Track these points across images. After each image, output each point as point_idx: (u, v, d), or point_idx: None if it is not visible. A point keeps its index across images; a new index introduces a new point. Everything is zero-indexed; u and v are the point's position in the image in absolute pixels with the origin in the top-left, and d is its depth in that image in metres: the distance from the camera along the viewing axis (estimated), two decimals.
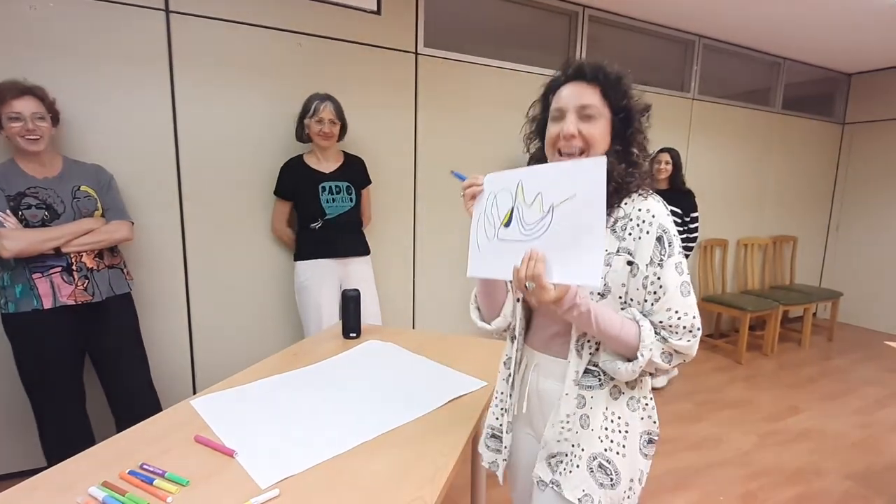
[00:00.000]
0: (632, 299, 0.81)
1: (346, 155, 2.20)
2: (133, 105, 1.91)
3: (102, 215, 1.71)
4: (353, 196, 2.14)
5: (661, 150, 2.95)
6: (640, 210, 0.80)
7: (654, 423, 0.91)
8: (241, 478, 0.86)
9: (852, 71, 4.33)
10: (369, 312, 2.11)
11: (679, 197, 2.92)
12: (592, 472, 0.84)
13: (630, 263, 0.80)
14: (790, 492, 2.03)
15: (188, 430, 1.02)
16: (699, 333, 0.80)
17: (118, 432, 1.02)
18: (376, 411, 1.14)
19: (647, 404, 0.90)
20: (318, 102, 2.02)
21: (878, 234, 4.33)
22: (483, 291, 0.98)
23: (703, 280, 3.73)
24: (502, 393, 0.99)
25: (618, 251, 0.81)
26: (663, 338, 0.79)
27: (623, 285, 0.81)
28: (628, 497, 0.86)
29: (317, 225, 2.09)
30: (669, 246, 0.78)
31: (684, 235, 2.93)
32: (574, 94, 0.82)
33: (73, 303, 1.61)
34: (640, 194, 0.83)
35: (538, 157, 0.93)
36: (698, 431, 2.52)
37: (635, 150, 0.84)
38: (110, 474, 0.86)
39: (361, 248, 2.23)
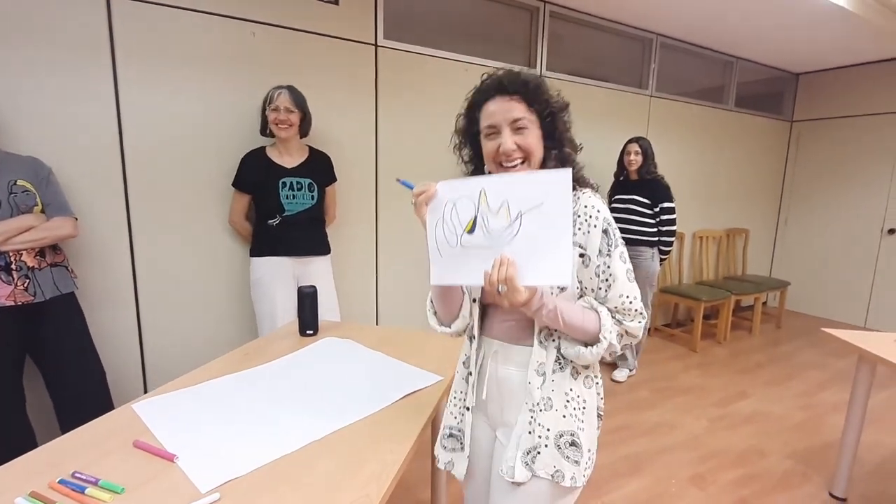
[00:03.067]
0: (586, 288, 0.88)
1: (311, 150, 2.15)
2: (71, 94, 1.81)
3: (42, 211, 1.62)
4: (315, 194, 2.10)
5: (630, 141, 2.97)
6: (585, 207, 0.87)
7: (601, 399, 0.99)
8: (180, 483, 0.84)
9: (799, 71, 4.54)
10: (326, 310, 2.08)
11: (649, 186, 2.93)
12: (561, 448, 0.89)
13: (582, 256, 0.87)
14: (736, 472, 2.14)
15: (127, 435, 0.99)
16: (646, 314, 0.89)
17: None
18: (327, 409, 1.13)
19: (597, 382, 0.98)
20: (275, 91, 1.97)
21: (824, 226, 4.57)
22: (440, 296, 0.99)
23: (662, 272, 3.86)
24: (461, 392, 1.01)
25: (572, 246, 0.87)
26: (619, 321, 0.87)
27: (576, 276, 0.88)
28: (589, 468, 0.93)
29: (274, 221, 2.04)
30: (614, 237, 0.87)
31: (655, 229, 2.94)
32: (502, 110, 0.87)
33: (13, 304, 1.53)
34: (583, 192, 0.89)
35: (476, 167, 0.99)
36: (652, 418, 2.62)
37: (567, 150, 0.91)
38: (40, 483, 0.82)
39: (321, 248, 2.19)
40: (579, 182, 0.89)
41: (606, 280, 0.86)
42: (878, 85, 4.11)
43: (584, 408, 0.93)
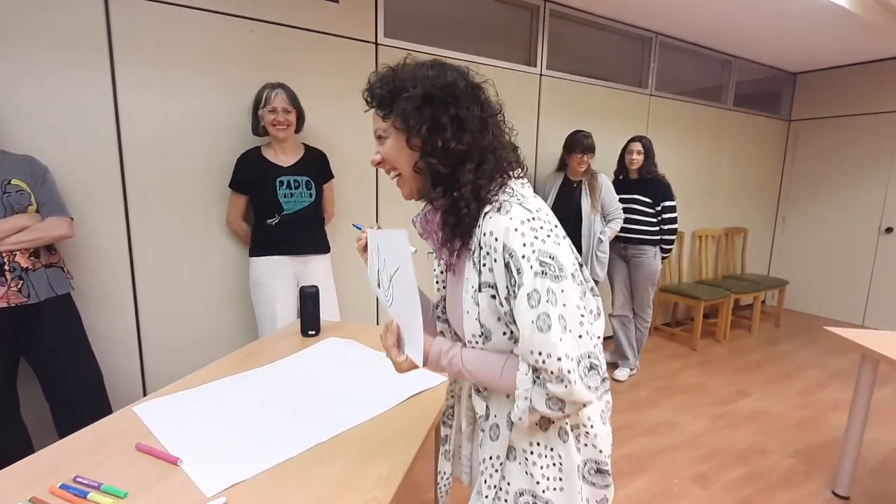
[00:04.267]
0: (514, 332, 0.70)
1: (306, 148, 2.13)
2: (68, 92, 1.79)
3: (37, 211, 1.60)
4: (313, 191, 2.08)
5: (632, 140, 2.96)
6: (485, 234, 0.68)
7: (600, 451, 0.79)
8: (184, 487, 0.83)
9: (797, 70, 4.55)
10: (327, 310, 2.06)
11: (649, 185, 2.92)
12: None
13: (494, 297, 0.69)
14: (738, 471, 2.14)
15: (129, 438, 0.97)
16: (572, 376, 0.62)
17: None
18: (333, 411, 1.11)
19: (586, 433, 0.78)
20: (270, 91, 1.94)
21: (822, 225, 4.59)
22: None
23: (662, 271, 3.85)
24: (451, 408, 0.98)
25: (480, 287, 0.70)
26: (543, 382, 0.64)
27: (499, 320, 0.70)
28: None
29: (273, 221, 2.02)
30: (518, 273, 0.64)
31: (657, 228, 2.94)
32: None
33: (6, 305, 1.50)
34: (493, 207, 0.69)
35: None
36: (654, 417, 2.62)
37: (434, 160, 0.70)
38: (40, 488, 0.80)
39: (320, 246, 2.17)
40: (483, 198, 0.70)
41: (517, 330, 0.66)
42: (875, 84, 4.13)
43: (557, 464, 0.75)
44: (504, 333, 0.71)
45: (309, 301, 1.63)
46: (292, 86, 2.03)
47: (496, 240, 0.66)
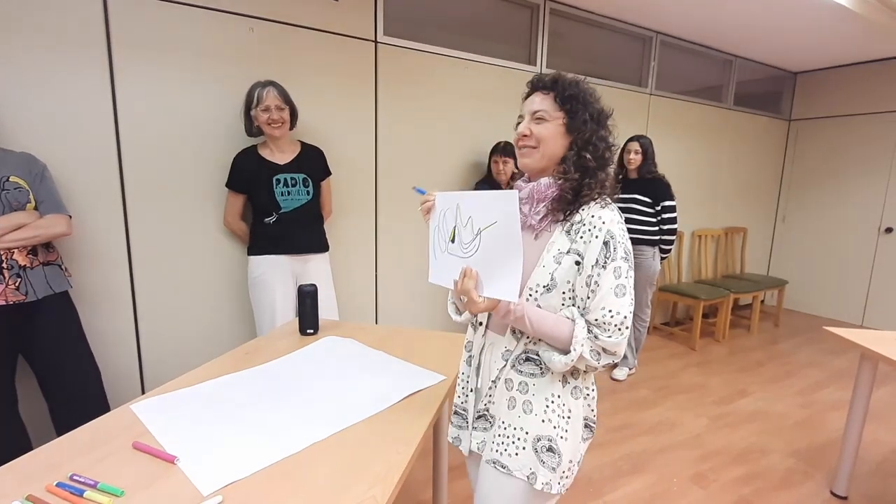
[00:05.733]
0: (575, 295, 0.90)
1: (303, 145, 2.13)
2: (68, 90, 1.78)
3: (36, 208, 1.59)
4: (311, 189, 2.08)
5: (631, 140, 2.94)
6: (593, 216, 0.89)
7: (592, 410, 1.02)
8: (181, 485, 0.82)
9: (798, 70, 4.55)
10: (325, 308, 2.06)
11: (649, 185, 2.90)
12: (538, 452, 0.93)
13: (578, 263, 0.88)
14: (737, 471, 2.14)
15: (126, 436, 0.96)
16: (627, 332, 0.88)
17: None
18: (331, 409, 1.11)
19: (588, 394, 0.99)
20: (261, 90, 1.93)
21: (821, 225, 4.59)
22: None
23: (661, 270, 3.85)
24: (464, 374, 1.10)
25: (568, 251, 0.89)
26: (595, 335, 0.87)
27: (569, 282, 0.90)
28: (567, 477, 0.95)
29: (271, 219, 2.02)
30: (613, 251, 0.87)
31: (656, 228, 2.92)
32: (531, 102, 0.96)
33: (4, 303, 1.49)
34: (599, 203, 0.91)
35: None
36: (654, 416, 2.61)
37: (588, 156, 0.92)
38: (36, 487, 0.80)
39: (319, 245, 2.17)
40: (594, 193, 0.92)
41: (594, 291, 0.87)
42: (875, 84, 4.12)
43: (567, 416, 0.94)
44: (563, 293, 0.90)
45: (307, 300, 1.63)
46: (290, 84, 2.02)
47: (603, 223, 0.88)
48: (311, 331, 1.64)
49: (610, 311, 0.85)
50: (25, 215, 1.54)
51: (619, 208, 3.05)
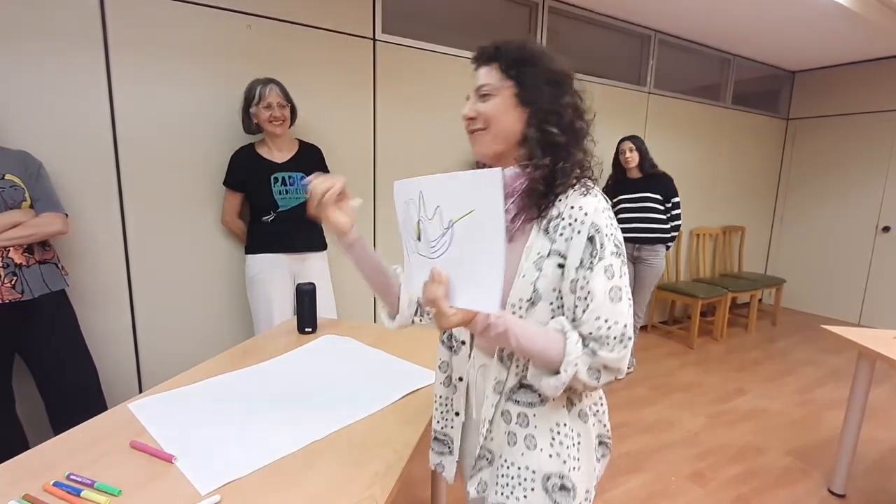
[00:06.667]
0: (563, 304, 0.75)
1: (301, 143, 2.12)
2: (64, 87, 1.77)
3: (32, 206, 1.58)
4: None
5: (622, 140, 2.96)
6: (572, 208, 0.73)
7: (605, 426, 0.89)
8: (179, 484, 0.82)
9: (796, 69, 4.55)
10: (324, 307, 2.05)
11: (658, 181, 2.91)
12: (549, 492, 0.79)
13: (561, 266, 0.74)
14: (735, 469, 2.14)
15: (124, 435, 0.96)
16: (630, 343, 0.72)
17: None
18: (329, 408, 1.11)
19: (597, 410, 0.86)
20: (262, 87, 1.93)
21: (819, 224, 4.60)
22: (373, 284, 0.94)
23: None
24: (442, 396, 0.96)
25: (549, 254, 0.74)
26: (592, 351, 0.70)
27: (555, 290, 0.75)
28: None
29: (269, 218, 2.01)
30: (601, 247, 0.71)
31: (668, 225, 2.93)
32: (475, 78, 0.80)
33: (0, 301, 1.48)
34: (578, 190, 0.75)
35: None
36: (651, 414, 2.62)
37: (553, 129, 0.75)
38: (33, 486, 0.79)
39: (317, 243, 2.16)
40: (572, 177, 0.75)
41: (584, 299, 0.71)
42: (873, 83, 4.13)
43: (577, 444, 0.81)
44: (550, 304, 0.75)
45: (306, 298, 1.62)
46: (288, 81, 2.02)
47: (586, 215, 0.72)
48: (310, 329, 1.64)
49: (606, 320, 0.70)
50: (21, 213, 1.53)
51: (632, 208, 2.95)
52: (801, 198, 4.74)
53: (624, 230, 3.02)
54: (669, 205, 2.92)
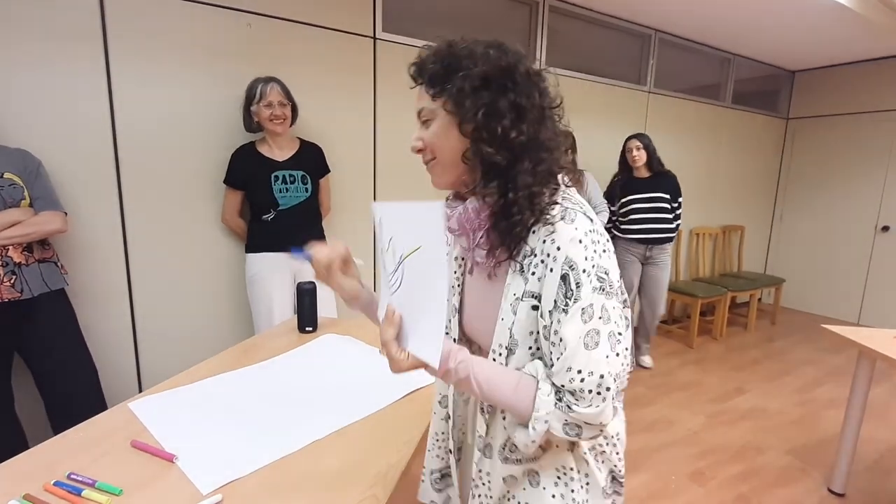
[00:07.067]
0: (539, 349, 0.67)
1: (301, 142, 2.11)
2: (63, 85, 1.76)
3: (31, 205, 1.58)
4: (309, 186, 2.07)
5: (629, 138, 2.94)
6: (543, 242, 0.63)
7: (616, 464, 0.78)
8: (180, 484, 0.82)
9: (796, 68, 4.55)
10: (324, 306, 2.04)
11: (667, 181, 2.90)
12: None
13: (536, 308, 0.65)
14: (735, 468, 2.14)
15: (124, 434, 0.96)
16: (609, 395, 0.61)
17: None
18: (330, 408, 1.10)
19: (604, 450, 0.76)
20: (264, 85, 1.92)
21: (819, 223, 4.60)
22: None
23: None
24: (442, 433, 0.89)
25: (523, 296, 0.65)
26: (567, 405, 0.61)
27: (532, 333, 0.66)
28: None
29: (269, 216, 2.01)
30: (577, 287, 0.61)
31: (674, 224, 2.93)
32: (416, 101, 0.70)
33: None
34: (548, 219, 0.63)
35: None
36: (651, 414, 2.62)
37: (488, 148, 0.62)
38: (34, 486, 0.79)
39: (317, 242, 2.15)
40: (528, 208, 0.63)
41: (557, 345, 0.62)
42: (873, 83, 4.13)
43: (585, 485, 0.73)
44: (529, 349, 0.67)
45: (306, 297, 1.62)
46: (288, 80, 2.01)
47: (558, 249, 0.62)
48: (310, 328, 1.63)
49: (580, 371, 0.60)
50: (20, 212, 1.53)
51: (644, 208, 2.87)
52: (800, 197, 4.74)
53: (636, 231, 2.97)
54: (675, 204, 2.93)
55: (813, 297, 4.67)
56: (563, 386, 0.62)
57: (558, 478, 0.73)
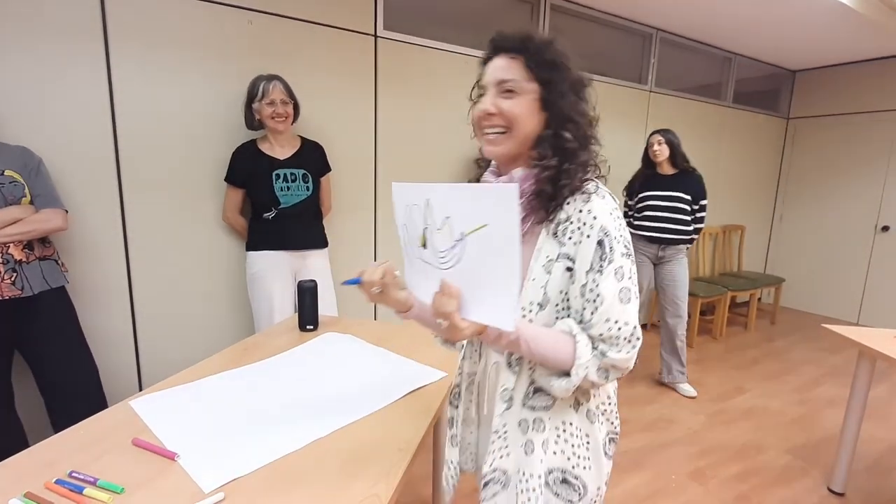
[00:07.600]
0: (570, 307, 0.75)
1: (303, 140, 2.11)
2: (64, 82, 1.76)
3: (31, 203, 1.57)
4: (310, 184, 2.06)
5: (652, 133, 2.81)
6: (580, 212, 0.73)
7: (613, 423, 0.89)
8: (182, 482, 0.81)
9: (796, 68, 4.55)
10: (324, 305, 2.05)
11: (689, 181, 2.75)
12: (549, 485, 0.80)
13: (570, 269, 0.74)
14: (735, 467, 2.14)
15: (126, 433, 0.95)
16: (639, 343, 0.73)
17: None
18: (331, 406, 1.10)
19: (605, 409, 0.87)
20: (266, 83, 1.92)
21: (819, 223, 4.60)
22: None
23: None
24: (457, 386, 0.96)
25: (557, 257, 0.75)
26: (601, 352, 0.72)
27: (562, 292, 0.75)
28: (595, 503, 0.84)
29: (270, 215, 2.00)
30: (610, 251, 0.71)
31: (691, 227, 2.78)
32: (495, 69, 0.77)
33: (0, 298, 1.48)
34: (585, 192, 0.75)
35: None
36: (651, 413, 2.62)
37: (567, 135, 0.75)
38: (35, 484, 0.79)
39: (318, 241, 2.15)
40: (576, 179, 0.75)
41: (593, 301, 0.71)
42: (873, 83, 4.13)
43: (586, 443, 0.82)
44: (557, 305, 0.76)
45: (307, 296, 1.61)
46: (290, 77, 2.01)
47: (595, 218, 0.72)
48: (311, 327, 1.63)
49: (617, 321, 0.71)
50: (21, 210, 1.52)
51: (660, 207, 2.83)
52: (800, 197, 4.74)
53: (648, 228, 2.84)
54: (696, 206, 2.76)
55: (813, 296, 4.67)
56: (600, 335, 0.72)
57: (558, 436, 0.81)
